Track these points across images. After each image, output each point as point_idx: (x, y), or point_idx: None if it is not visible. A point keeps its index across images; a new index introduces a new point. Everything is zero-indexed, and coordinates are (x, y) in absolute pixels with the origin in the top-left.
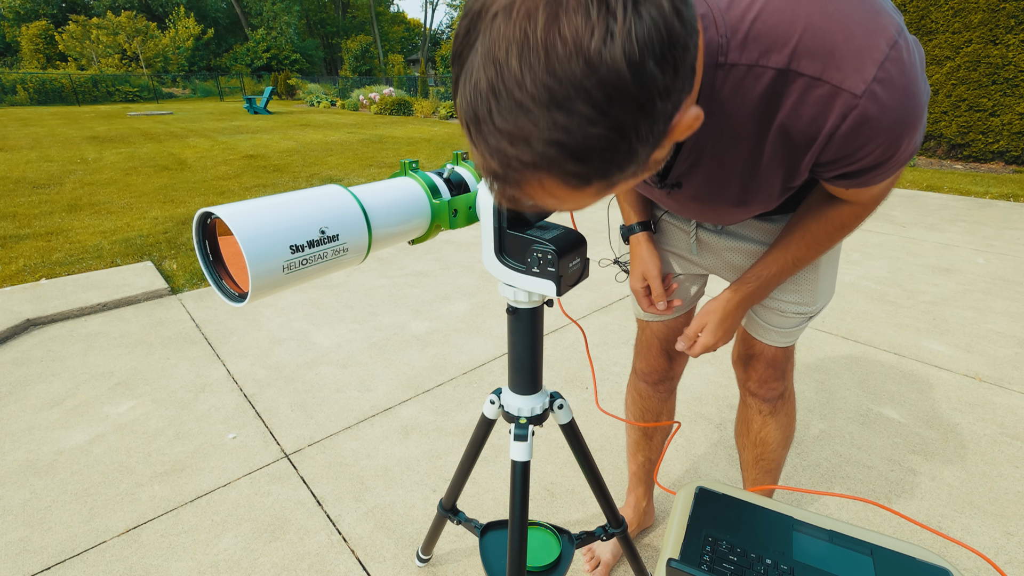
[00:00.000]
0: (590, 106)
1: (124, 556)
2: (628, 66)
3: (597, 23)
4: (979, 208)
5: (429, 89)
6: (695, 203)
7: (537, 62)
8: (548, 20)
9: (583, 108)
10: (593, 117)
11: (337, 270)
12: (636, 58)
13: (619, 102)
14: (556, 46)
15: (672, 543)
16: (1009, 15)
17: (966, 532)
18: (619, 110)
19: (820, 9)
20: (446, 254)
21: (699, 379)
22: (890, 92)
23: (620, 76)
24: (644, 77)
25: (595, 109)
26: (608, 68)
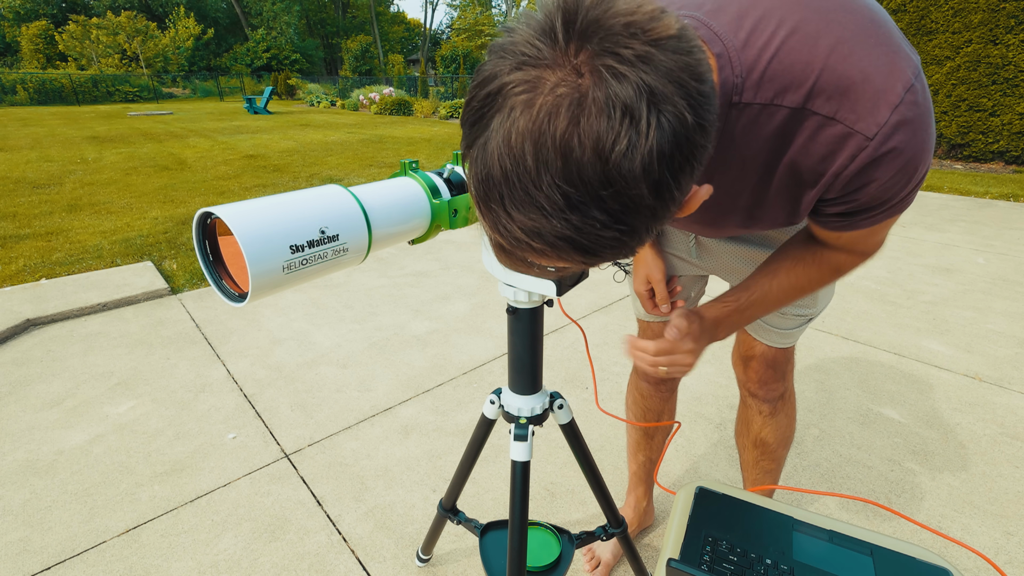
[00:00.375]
0: (605, 213)
1: (124, 556)
2: (646, 180)
3: (619, 131)
4: (979, 208)
5: (429, 89)
6: (697, 225)
7: (555, 165)
8: (570, 122)
9: (598, 214)
10: (607, 222)
11: (337, 270)
12: (655, 172)
13: (634, 212)
14: (575, 151)
15: (672, 543)
16: (1009, 15)
17: (966, 532)
18: (633, 218)
19: (839, 49)
20: (446, 254)
21: (699, 379)
22: (901, 136)
23: (638, 188)
24: (661, 188)
25: (610, 216)
26: (626, 181)
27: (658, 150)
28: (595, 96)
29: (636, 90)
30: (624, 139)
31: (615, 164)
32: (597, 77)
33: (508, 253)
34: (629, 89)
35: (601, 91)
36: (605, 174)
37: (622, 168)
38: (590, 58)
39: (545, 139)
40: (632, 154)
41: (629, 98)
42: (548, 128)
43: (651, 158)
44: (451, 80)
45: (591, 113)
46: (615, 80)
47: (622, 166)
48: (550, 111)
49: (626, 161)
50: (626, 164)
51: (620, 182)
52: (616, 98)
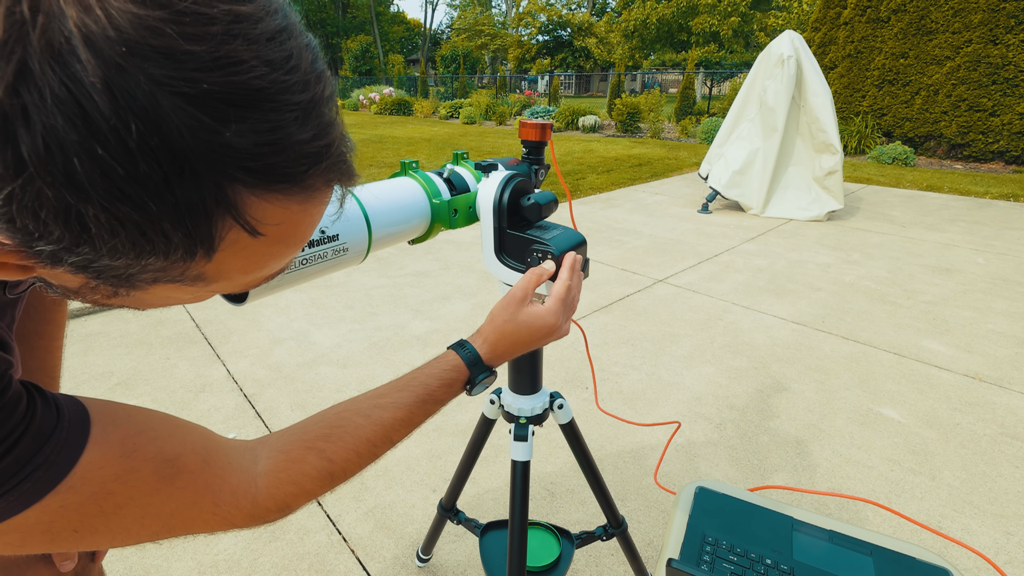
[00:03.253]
0: None
1: (124, 556)
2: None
3: None
4: (979, 208)
5: (429, 89)
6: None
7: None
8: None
9: None
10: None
11: (337, 270)
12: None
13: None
14: None
15: (672, 543)
16: (1009, 15)
17: (966, 532)
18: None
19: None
20: (446, 254)
21: (699, 379)
22: None
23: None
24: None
25: None
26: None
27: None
28: None
29: None
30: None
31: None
32: None
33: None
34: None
35: None
36: None
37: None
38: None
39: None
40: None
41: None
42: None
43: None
44: (451, 80)
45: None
46: None
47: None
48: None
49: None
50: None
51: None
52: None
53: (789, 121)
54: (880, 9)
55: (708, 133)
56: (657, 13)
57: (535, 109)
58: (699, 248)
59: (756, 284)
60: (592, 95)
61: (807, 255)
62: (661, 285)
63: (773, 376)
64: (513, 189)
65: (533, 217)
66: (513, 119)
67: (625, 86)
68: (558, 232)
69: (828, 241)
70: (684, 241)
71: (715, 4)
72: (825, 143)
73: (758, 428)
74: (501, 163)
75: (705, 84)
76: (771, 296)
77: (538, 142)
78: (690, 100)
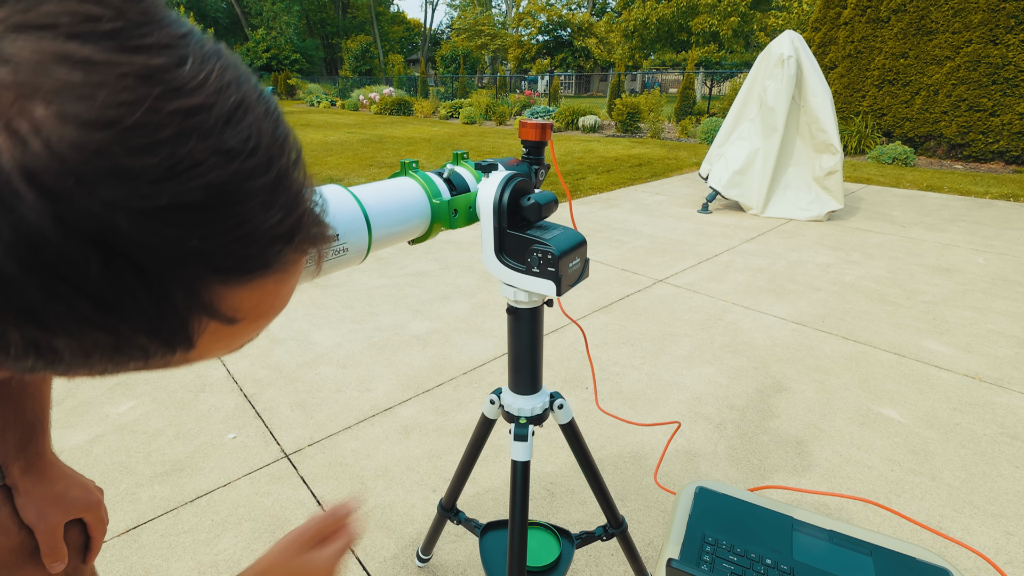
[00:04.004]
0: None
1: (124, 556)
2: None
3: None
4: (979, 208)
5: (429, 89)
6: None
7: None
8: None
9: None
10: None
11: (337, 270)
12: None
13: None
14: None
15: (672, 543)
16: (1009, 15)
17: (966, 532)
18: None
19: None
20: (446, 254)
21: (699, 379)
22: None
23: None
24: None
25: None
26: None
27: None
28: None
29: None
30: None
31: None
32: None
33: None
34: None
35: None
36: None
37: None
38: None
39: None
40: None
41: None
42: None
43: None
44: (451, 80)
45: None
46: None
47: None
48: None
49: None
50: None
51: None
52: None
53: (789, 121)
54: (880, 9)
55: (708, 133)
56: (657, 13)
57: (535, 109)
58: (699, 248)
59: (756, 284)
60: (592, 95)
61: (807, 255)
62: (661, 285)
63: (773, 376)
64: (513, 189)
65: (533, 217)
66: (513, 119)
67: (625, 86)
68: (558, 232)
69: (828, 241)
70: (684, 241)
71: (715, 4)
72: (825, 143)
73: (758, 428)
74: (501, 163)
75: (705, 84)
76: (771, 296)
77: (538, 142)
78: (690, 100)
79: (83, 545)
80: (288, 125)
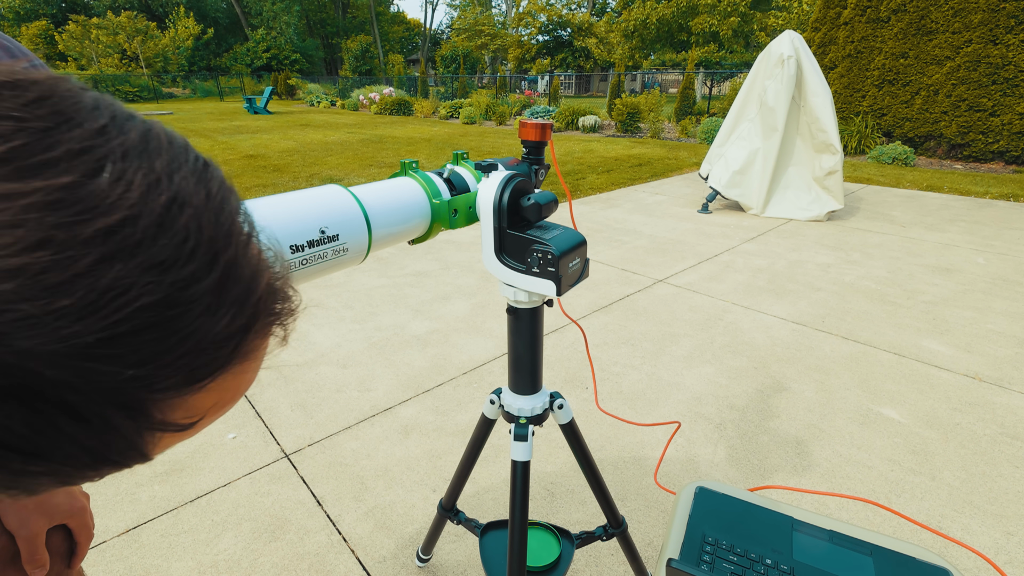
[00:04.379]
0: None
1: (124, 556)
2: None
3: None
4: (979, 208)
5: (429, 89)
6: None
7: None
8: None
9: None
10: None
11: (337, 270)
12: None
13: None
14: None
15: (672, 543)
16: (1009, 15)
17: (966, 532)
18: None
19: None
20: (446, 254)
21: (699, 379)
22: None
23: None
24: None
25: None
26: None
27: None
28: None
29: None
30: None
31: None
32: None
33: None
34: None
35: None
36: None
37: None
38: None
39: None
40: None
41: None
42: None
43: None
44: (451, 80)
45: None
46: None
47: None
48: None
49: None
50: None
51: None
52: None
53: (789, 121)
54: (880, 9)
55: (708, 133)
56: (657, 13)
57: (535, 109)
58: (699, 248)
59: (756, 284)
60: (592, 95)
61: (807, 255)
62: (661, 285)
63: (773, 376)
64: (513, 189)
65: (533, 217)
66: (513, 119)
67: (625, 86)
68: (558, 232)
69: (828, 241)
70: (684, 241)
71: (715, 4)
72: (825, 143)
73: (758, 428)
74: (501, 163)
75: (705, 84)
76: (771, 296)
77: (538, 142)
78: (690, 100)
79: (67, 551)
80: (236, 195)
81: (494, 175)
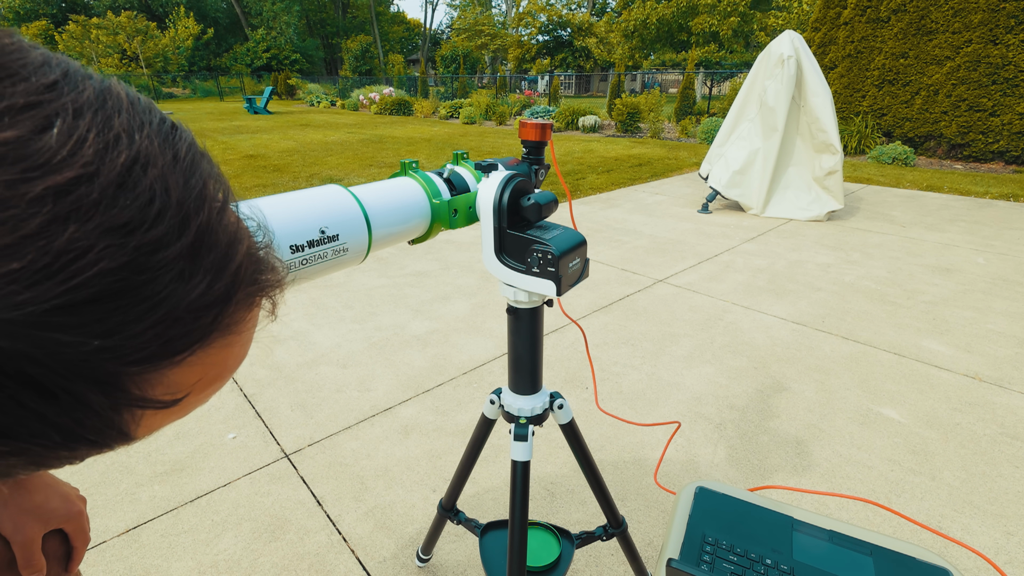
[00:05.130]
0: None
1: (124, 556)
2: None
3: None
4: (979, 208)
5: (429, 89)
6: None
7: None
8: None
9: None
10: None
11: (337, 270)
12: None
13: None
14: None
15: (672, 543)
16: (1009, 15)
17: (966, 532)
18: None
19: None
20: (446, 254)
21: (699, 379)
22: None
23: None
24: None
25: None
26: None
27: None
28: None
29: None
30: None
31: None
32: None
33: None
34: None
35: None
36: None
37: None
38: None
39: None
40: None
41: None
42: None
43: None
44: (451, 80)
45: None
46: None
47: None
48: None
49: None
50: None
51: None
52: None
53: (789, 121)
54: (880, 9)
55: (708, 133)
56: (657, 13)
57: (535, 109)
58: (699, 248)
59: (756, 284)
60: (592, 95)
61: (807, 255)
62: (661, 285)
63: (773, 376)
64: (513, 189)
65: (533, 217)
66: (513, 119)
67: (625, 86)
68: (558, 232)
69: (828, 241)
70: (684, 241)
71: (715, 4)
72: (825, 143)
73: (758, 428)
74: (501, 163)
75: (705, 84)
76: (771, 296)
77: (538, 142)
78: (690, 100)
79: (64, 555)
80: (210, 160)
81: (494, 175)
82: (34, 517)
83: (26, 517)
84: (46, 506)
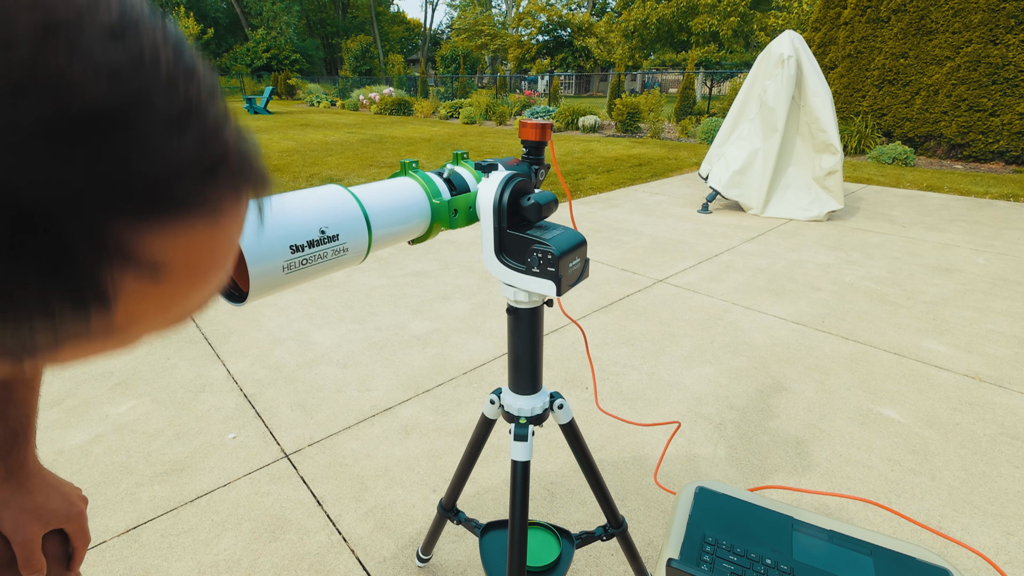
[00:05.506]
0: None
1: (124, 556)
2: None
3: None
4: (979, 208)
5: (429, 89)
6: None
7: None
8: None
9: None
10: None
11: (337, 270)
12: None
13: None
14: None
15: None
16: (1009, 15)
17: (966, 532)
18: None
19: None
20: (446, 254)
21: (699, 379)
22: None
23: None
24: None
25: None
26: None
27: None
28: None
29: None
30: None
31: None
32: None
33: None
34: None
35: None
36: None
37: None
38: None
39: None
40: None
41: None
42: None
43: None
44: (451, 80)
45: None
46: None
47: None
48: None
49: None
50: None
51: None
52: None
53: (789, 121)
54: (880, 9)
55: (708, 133)
56: (657, 13)
57: (535, 109)
58: (699, 248)
59: (756, 284)
60: (592, 95)
61: (807, 255)
62: (661, 285)
63: (773, 376)
64: (513, 189)
65: (533, 217)
66: (513, 119)
67: (625, 86)
68: (558, 232)
69: (828, 241)
70: (684, 241)
71: (715, 4)
72: (825, 143)
73: (758, 428)
74: (501, 163)
75: (705, 84)
76: (771, 296)
77: (538, 142)
78: (690, 100)
79: (64, 555)
80: (201, 66)
81: (494, 175)
82: (34, 517)
83: (26, 517)
84: (47, 506)
